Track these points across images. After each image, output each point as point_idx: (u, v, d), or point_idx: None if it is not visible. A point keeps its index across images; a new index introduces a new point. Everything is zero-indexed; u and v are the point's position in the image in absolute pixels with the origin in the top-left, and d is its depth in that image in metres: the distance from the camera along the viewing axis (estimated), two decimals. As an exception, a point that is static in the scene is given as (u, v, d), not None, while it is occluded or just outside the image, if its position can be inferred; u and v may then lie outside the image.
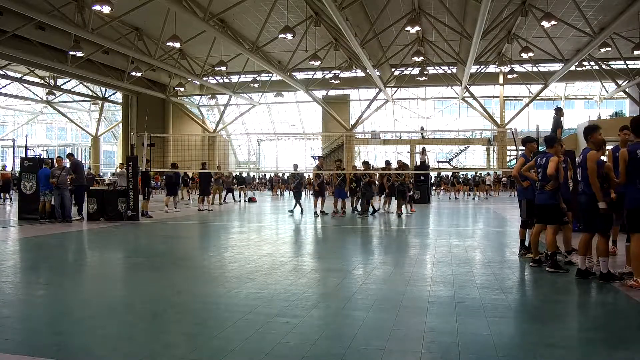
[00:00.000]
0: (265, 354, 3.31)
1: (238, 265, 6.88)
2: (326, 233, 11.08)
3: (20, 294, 5.16)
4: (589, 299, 5.17)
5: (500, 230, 11.59)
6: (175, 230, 11.86)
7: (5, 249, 8.34)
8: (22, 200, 13.13)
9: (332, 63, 30.04)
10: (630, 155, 5.17)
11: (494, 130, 37.10)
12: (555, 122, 8.85)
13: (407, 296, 4.91)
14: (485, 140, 42.13)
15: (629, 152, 5.19)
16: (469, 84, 31.98)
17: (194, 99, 41.82)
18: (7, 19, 21.38)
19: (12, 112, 51.16)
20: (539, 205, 6.35)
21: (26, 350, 3.40)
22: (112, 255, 8.16)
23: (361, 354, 3.35)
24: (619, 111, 37.10)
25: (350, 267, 6.62)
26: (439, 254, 7.72)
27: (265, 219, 14.92)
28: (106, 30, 21.84)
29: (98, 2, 16.92)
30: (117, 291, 5.40)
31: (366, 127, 41.66)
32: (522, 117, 37.57)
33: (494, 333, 3.75)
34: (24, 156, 14.23)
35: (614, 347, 3.59)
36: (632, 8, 20.31)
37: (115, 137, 49.56)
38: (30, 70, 32.64)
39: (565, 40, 27.11)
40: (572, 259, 6.60)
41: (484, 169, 35.51)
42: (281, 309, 4.43)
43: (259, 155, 49.22)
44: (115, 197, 12.83)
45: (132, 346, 3.54)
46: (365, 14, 22.84)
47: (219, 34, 22.32)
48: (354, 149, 37.89)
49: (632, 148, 5.21)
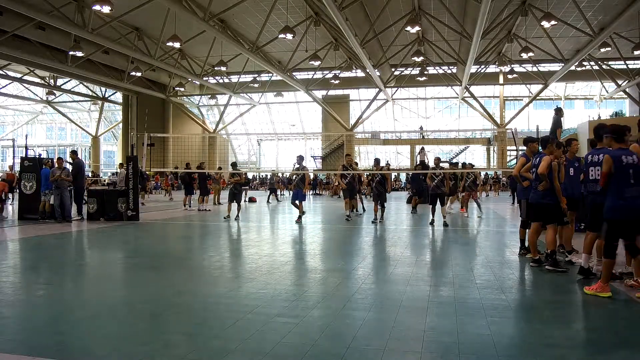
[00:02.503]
0: (265, 354, 3.31)
1: (238, 265, 6.89)
2: (327, 233, 11.07)
3: (20, 294, 5.16)
4: (589, 299, 5.17)
5: (500, 230, 11.59)
6: (175, 230, 11.86)
7: (5, 249, 8.34)
8: (22, 200, 13.14)
9: (332, 63, 30.04)
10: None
11: (494, 130, 37.09)
12: (554, 122, 8.87)
13: (407, 296, 4.91)
14: (485, 140, 42.12)
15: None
16: (469, 84, 31.98)
17: (194, 99, 41.82)
18: (7, 19, 21.38)
19: (12, 112, 51.13)
20: (532, 203, 6.44)
21: (26, 350, 3.40)
22: (112, 255, 8.16)
23: (361, 354, 3.35)
24: (619, 111, 37.07)
25: (350, 267, 6.62)
26: (439, 254, 7.73)
27: (265, 219, 14.92)
28: (106, 30, 21.83)
29: (98, 2, 16.92)
30: (117, 291, 5.40)
31: (366, 127, 41.65)
32: (522, 117, 37.57)
33: (494, 333, 3.75)
34: (24, 156, 14.24)
35: (614, 347, 3.59)
36: (632, 8, 20.31)
37: (115, 137, 49.54)
38: (30, 70, 32.63)
39: (565, 40, 27.11)
40: (573, 258, 6.60)
41: (484, 169, 35.49)
42: (281, 309, 4.43)
43: (259, 155, 49.21)
44: (115, 197, 12.84)
45: (132, 346, 3.54)
46: (365, 14, 22.83)
47: (219, 34, 22.32)
48: (354, 149, 37.84)
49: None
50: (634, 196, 4.87)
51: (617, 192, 4.93)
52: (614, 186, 4.96)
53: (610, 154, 5.00)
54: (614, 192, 4.96)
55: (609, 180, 4.97)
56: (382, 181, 12.27)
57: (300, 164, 12.65)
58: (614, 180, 4.94)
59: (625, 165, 4.90)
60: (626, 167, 4.90)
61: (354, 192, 13.45)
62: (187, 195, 17.19)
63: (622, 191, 4.90)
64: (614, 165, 4.92)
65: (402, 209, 17.70)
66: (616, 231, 4.97)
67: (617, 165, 4.92)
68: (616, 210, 4.92)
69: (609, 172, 4.96)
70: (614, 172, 4.94)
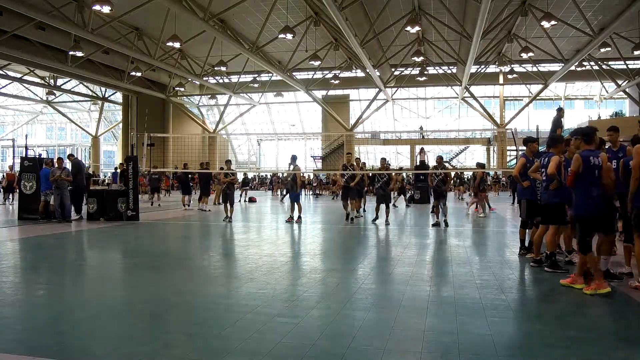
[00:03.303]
0: (265, 354, 3.31)
1: (238, 265, 6.89)
2: (327, 234, 11.07)
3: (20, 294, 5.16)
4: (589, 298, 5.17)
5: (500, 230, 11.59)
6: (175, 230, 11.86)
7: (5, 249, 8.34)
8: (22, 200, 13.14)
9: (332, 63, 30.04)
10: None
11: (494, 131, 37.09)
12: (554, 122, 8.86)
13: (407, 296, 4.91)
14: (485, 141, 42.14)
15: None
16: (469, 84, 31.97)
17: (194, 99, 41.82)
18: (7, 19, 21.38)
19: (12, 112, 51.14)
20: (544, 204, 6.30)
21: (26, 350, 3.40)
22: (112, 255, 8.16)
23: (361, 354, 3.35)
24: (619, 111, 37.08)
25: (350, 267, 6.62)
26: (439, 254, 7.73)
27: (265, 219, 14.92)
28: (106, 30, 21.83)
29: (98, 2, 16.92)
30: (117, 291, 5.40)
31: (366, 127, 41.64)
32: (522, 117, 37.57)
33: (494, 333, 3.75)
34: (24, 156, 14.24)
35: (614, 347, 3.59)
36: (632, 8, 20.31)
37: (115, 137, 49.55)
38: (30, 70, 32.63)
39: (565, 40, 27.10)
40: (573, 258, 6.60)
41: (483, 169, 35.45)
42: (281, 309, 4.44)
43: (259, 155, 49.22)
44: (115, 197, 12.84)
45: (132, 346, 3.54)
46: (365, 14, 22.83)
47: (219, 34, 22.33)
48: (354, 149, 37.83)
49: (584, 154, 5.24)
50: (599, 194, 5.19)
51: (584, 191, 5.22)
52: (581, 186, 5.22)
53: (580, 155, 5.25)
54: (581, 191, 5.24)
55: (576, 179, 5.23)
56: (388, 182, 12.13)
57: (293, 164, 12.59)
58: (582, 180, 5.21)
59: (592, 165, 5.17)
60: (593, 167, 5.18)
61: (360, 193, 13.22)
62: (185, 195, 17.17)
63: (590, 190, 5.18)
64: (583, 166, 5.17)
65: (402, 208, 17.71)
66: (588, 228, 5.24)
67: (585, 165, 5.17)
68: (586, 208, 5.22)
69: (577, 171, 5.20)
70: (582, 172, 5.19)
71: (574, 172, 5.21)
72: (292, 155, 12.82)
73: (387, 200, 12.02)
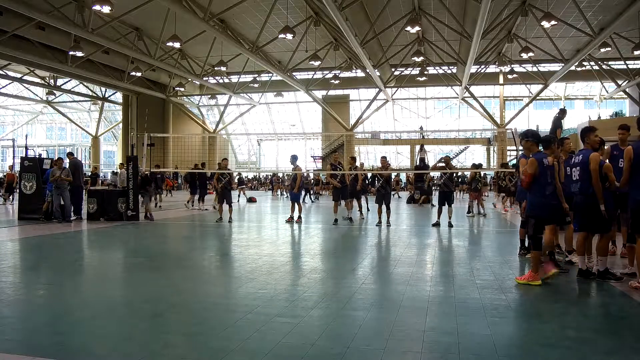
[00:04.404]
0: (265, 354, 3.31)
1: (238, 265, 6.89)
2: (327, 234, 11.07)
3: (20, 294, 5.16)
4: (589, 299, 5.17)
5: (500, 230, 11.59)
6: (175, 230, 11.86)
7: (6, 249, 8.34)
8: (22, 200, 13.13)
9: (332, 63, 30.02)
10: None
11: (494, 131, 37.07)
12: (554, 122, 8.85)
13: (407, 296, 4.91)
14: (485, 141, 42.12)
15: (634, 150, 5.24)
16: (469, 84, 31.95)
17: (194, 99, 41.80)
18: (7, 19, 21.36)
19: (12, 112, 51.12)
20: None
21: (26, 350, 3.40)
22: (112, 255, 8.16)
23: (361, 354, 3.35)
24: (619, 111, 37.04)
25: (350, 267, 6.62)
26: (439, 254, 7.72)
27: (265, 219, 14.91)
28: (106, 30, 21.81)
29: (98, 2, 16.90)
30: (117, 291, 5.40)
31: (366, 127, 41.63)
32: (522, 117, 37.51)
33: (494, 333, 3.75)
34: (24, 156, 14.23)
35: (614, 347, 3.59)
36: (632, 8, 20.28)
37: (115, 137, 49.53)
38: (30, 70, 32.61)
39: (565, 40, 27.09)
40: (572, 258, 6.60)
41: (484, 169, 35.48)
42: (281, 309, 4.43)
43: (259, 156, 49.21)
44: (115, 197, 12.83)
45: (132, 346, 3.54)
46: (365, 14, 22.83)
47: (219, 34, 22.31)
48: (354, 149, 37.83)
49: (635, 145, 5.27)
50: (552, 193, 5.56)
51: (539, 191, 5.50)
52: (536, 186, 5.50)
53: (535, 157, 5.53)
54: (536, 191, 5.52)
55: (532, 180, 5.49)
56: (388, 180, 12.08)
57: (293, 164, 12.56)
58: (537, 181, 5.46)
59: (545, 167, 5.51)
60: (546, 168, 5.51)
61: (354, 194, 12.96)
62: (192, 195, 17.42)
63: (544, 190, 5.49)
64: (539, 167, 5.44)
65: (402, 209, 17.70)
66: (540, 226, 5.53)
67: (541, 167, 5.45)
68: (540, 207, 5.51)
69: (534, 173, 5.45)
70: (538, 174, 5.45)
71: (531, 175, 5.46)
72: (293, 155, 12.76)
73: (388, 201, 11.87)
